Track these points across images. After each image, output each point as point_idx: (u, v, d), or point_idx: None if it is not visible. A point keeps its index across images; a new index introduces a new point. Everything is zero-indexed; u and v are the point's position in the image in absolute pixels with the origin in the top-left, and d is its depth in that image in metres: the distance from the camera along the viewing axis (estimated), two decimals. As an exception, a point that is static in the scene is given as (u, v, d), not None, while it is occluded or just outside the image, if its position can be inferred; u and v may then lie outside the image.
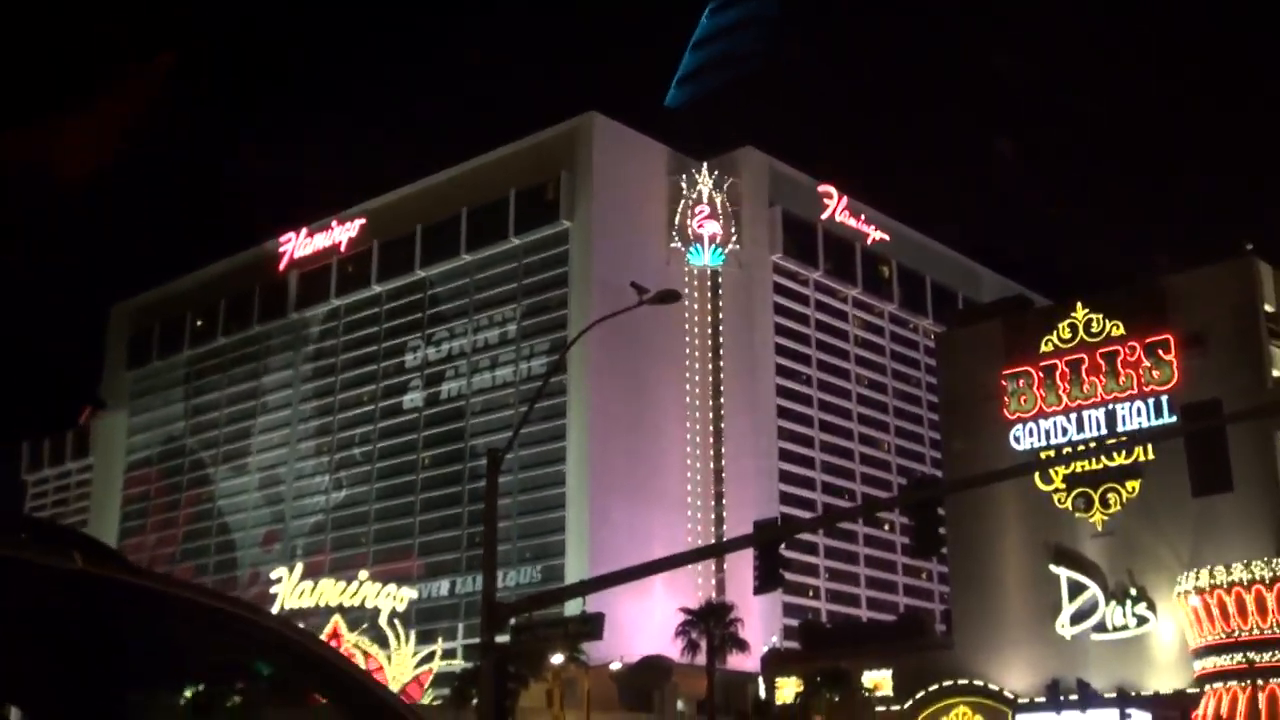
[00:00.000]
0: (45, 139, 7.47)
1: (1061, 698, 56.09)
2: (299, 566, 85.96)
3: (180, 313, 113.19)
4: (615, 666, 69.04)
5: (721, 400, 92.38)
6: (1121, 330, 58.66)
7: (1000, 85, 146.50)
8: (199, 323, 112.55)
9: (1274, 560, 51.18)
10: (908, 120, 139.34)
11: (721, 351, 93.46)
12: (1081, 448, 56.44)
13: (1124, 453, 54.90)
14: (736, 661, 70.52)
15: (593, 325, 34.15)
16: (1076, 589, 57.68)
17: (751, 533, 27.94)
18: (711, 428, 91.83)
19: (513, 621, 31.16)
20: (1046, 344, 60.60)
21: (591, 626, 27.72)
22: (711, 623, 68.77)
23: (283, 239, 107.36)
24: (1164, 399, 56.50)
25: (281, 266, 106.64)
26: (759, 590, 28.14)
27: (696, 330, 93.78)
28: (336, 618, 76.41)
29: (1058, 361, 60.08)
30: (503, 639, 28.87)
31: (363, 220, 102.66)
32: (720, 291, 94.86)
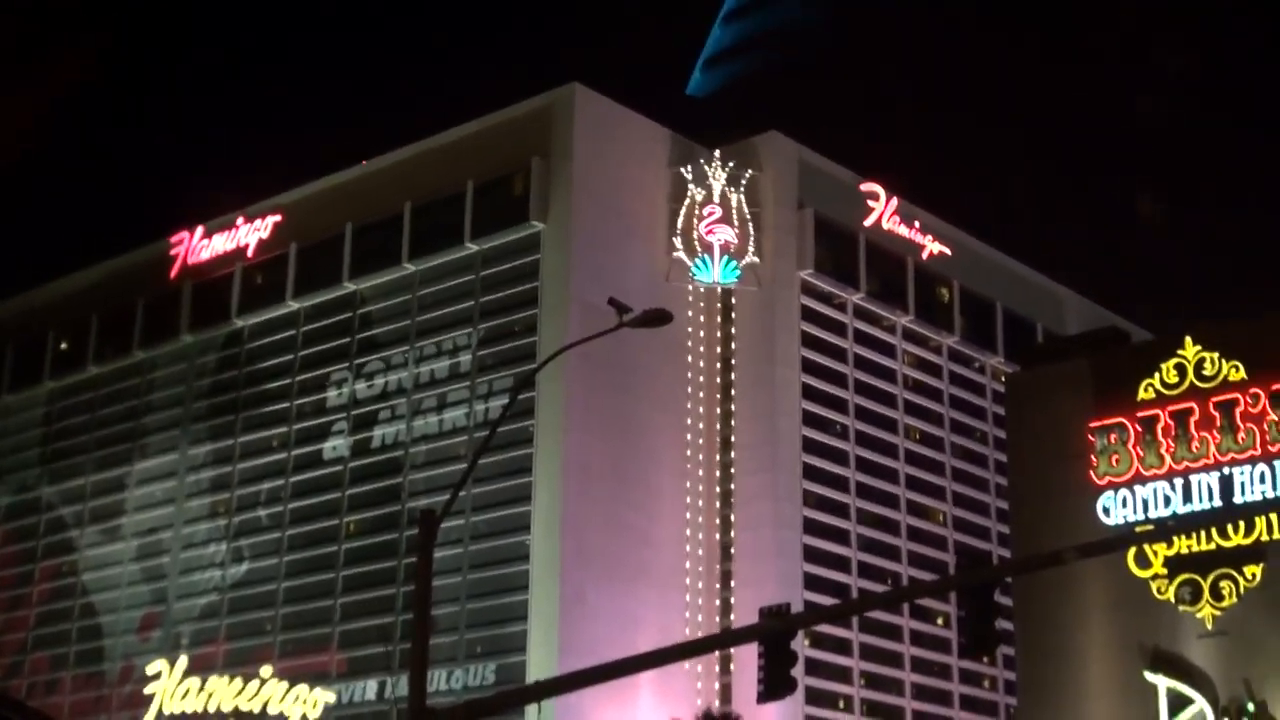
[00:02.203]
0: None
1: (1160, 843, 55.94)
2: (183, 659, 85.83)
3: (39, 333, 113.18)
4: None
5: (731, 455, 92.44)
6: (1242, 374, 58.72)
7: (1092, 63, 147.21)
8: (63, 345, 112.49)
9: None
10: (975, 105, 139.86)
11: (733, 393, 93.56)
12: (1189, 522, 56.39)
13: (1243, 530, 54.71)
14: (744, 792, 70.53)
15: (559, 353, 34.30)
16: (1179, 703, 57.56)
17: (755, 623, 28.04)
18: (718, 489, 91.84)
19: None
20: (1146, 389, 60.67)
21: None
22: (712, 740, 68.81)
23: (173, 240, 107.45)
24: (1294, 462, 56.63)
25: (171, 275, 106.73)
26: (764, 697, 28.30)
27: (702, 364, 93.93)
28: (231, 726, 76.41)
29: (1160, 412, 60.14)
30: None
31: (277, 218, 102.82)
32: (733, 316, 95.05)
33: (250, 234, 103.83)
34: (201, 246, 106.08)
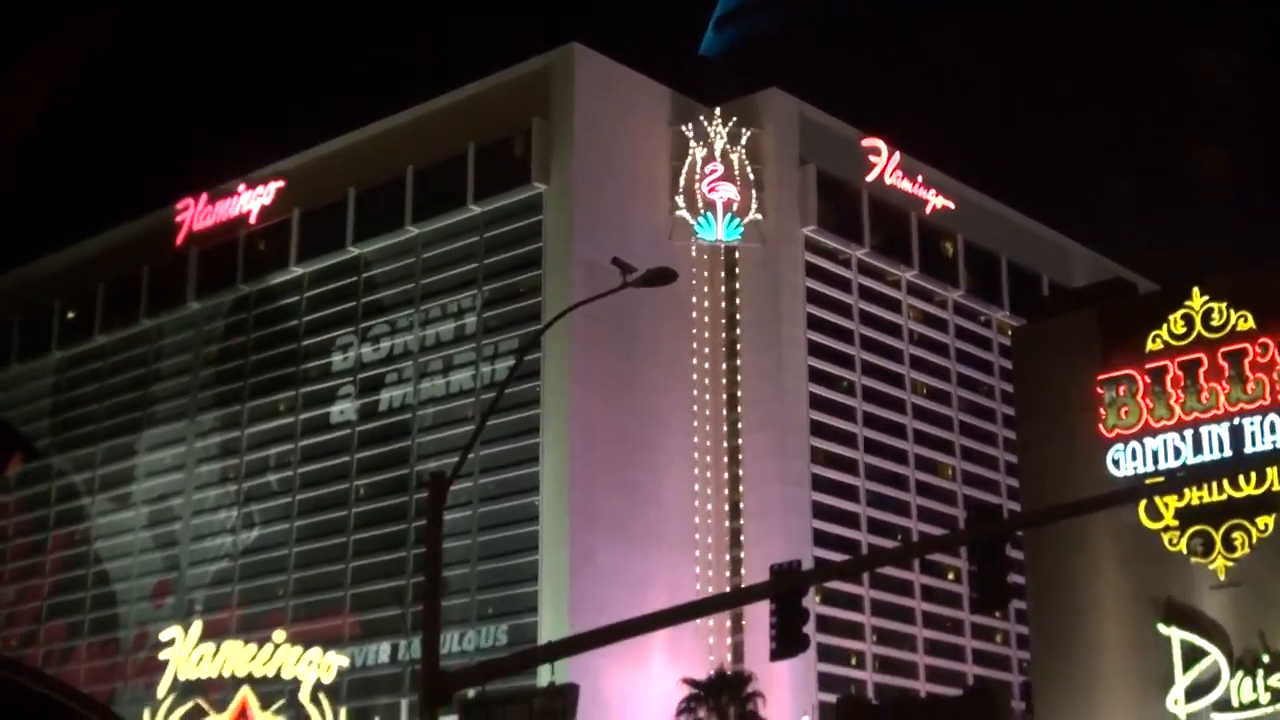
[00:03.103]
0: None
1: (1174, 794, 55.74)
2: (197, 625, 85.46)
3: (47, 302, 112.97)
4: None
5: (739, 412, 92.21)
6: (1250, 323, 58.23)
7: (1094, 13, 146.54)
8: (71, 315, 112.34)
9: None
10: (977, 57, 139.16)
11: (739, 350, 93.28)
12: (1199, 473, 56.01)
13: (1253, 480, 54.29)
14: (757, 748, 70.37)
15: (564, 314, 33.77)
16: (1193, 655, 57.26)
17: (766, 581, 27.63)
18: (725, 446, 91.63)
19: (470, 694, 30.87)
20: (1154, 341, 60.20)
21: (563, 702, 27.49)
22: (725, 699, 68.60)
23: (178, 207, 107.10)
24: (1305, 411, 56.20)
25: (177, 242, 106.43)
26: (776, 655, 27.91)
27: (707, 322, 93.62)
28: (245, 691, 76.20)
29: (1169, 363, 59.67)
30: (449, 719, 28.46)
31: (279, 183, 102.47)
32: (737, 273, 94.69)
33: (253, 200, 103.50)
34: (206, 213, 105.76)
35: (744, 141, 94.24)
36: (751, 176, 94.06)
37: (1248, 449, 56.95)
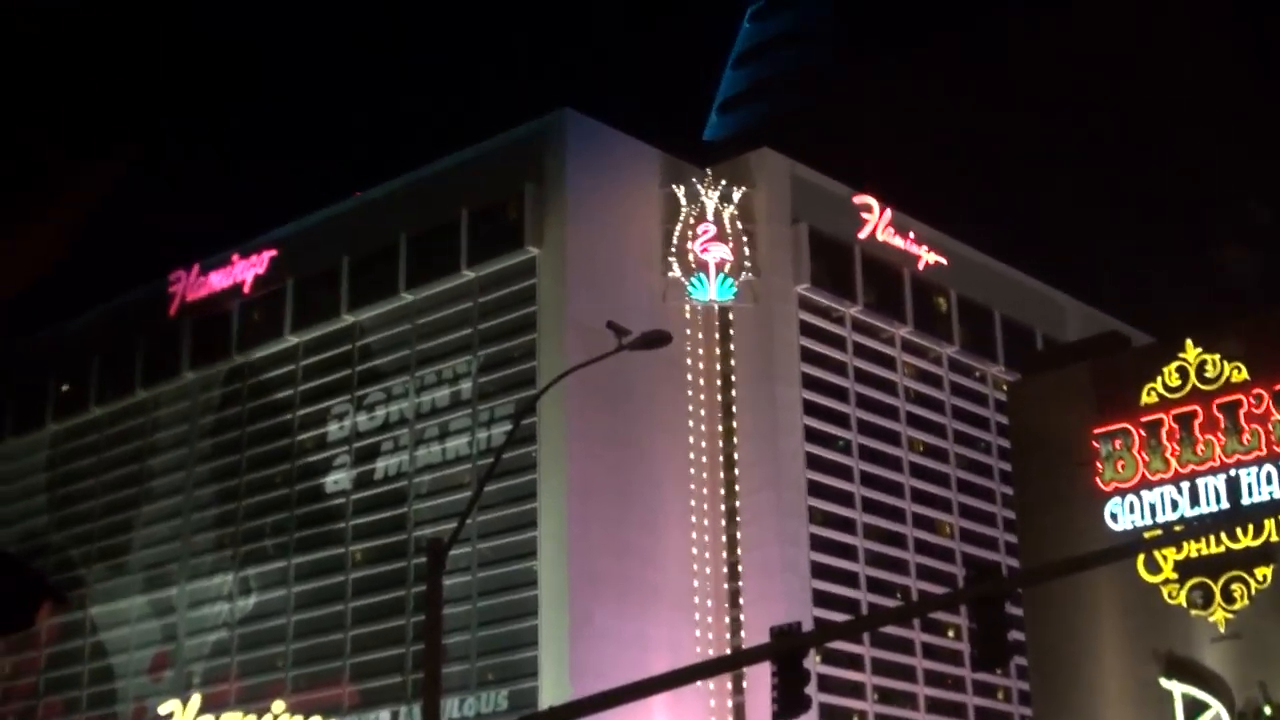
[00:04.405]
0: None
1: None
2: (196, 698, 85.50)
3: (40, 376, 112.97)
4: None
5: (736, 473, 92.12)
6: (1244, 374, 58.48)
7: (1082, 70, 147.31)
8: (65, 388, 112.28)
9: None
10: (965, 115, 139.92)
11: (734, 411, 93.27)
12: (1197, 525, 56.13)
13: (1251, 531, 54.44)
14: (760, 810, 70.12)
15: (560, 378, 34.01)
16: (1195, 708, 57.24)
17: (766, 643, 27.75)
18: (723, 508, 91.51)
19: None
20: (1149, 394, 60.43)
21: (564, 769, 27.56)
22: (727, 760, 68.39)
23: (171, 279, 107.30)
24: (1300, 462, 56.31)
25: (170, 313, 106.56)
26: (778, 717, 28.01)
27: (702, 383, 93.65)
28: (245, 762, 75.96)
29: (1164, 416, 59.88)
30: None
31: (272, 252, 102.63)
32: (731, 333, 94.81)
33: (247, 270, 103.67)
34: (199, 284, 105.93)
35: (736, 201, 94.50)
36: (744, 236, 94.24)
37: (1245, 500, 57.12)
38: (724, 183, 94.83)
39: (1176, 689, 57.66)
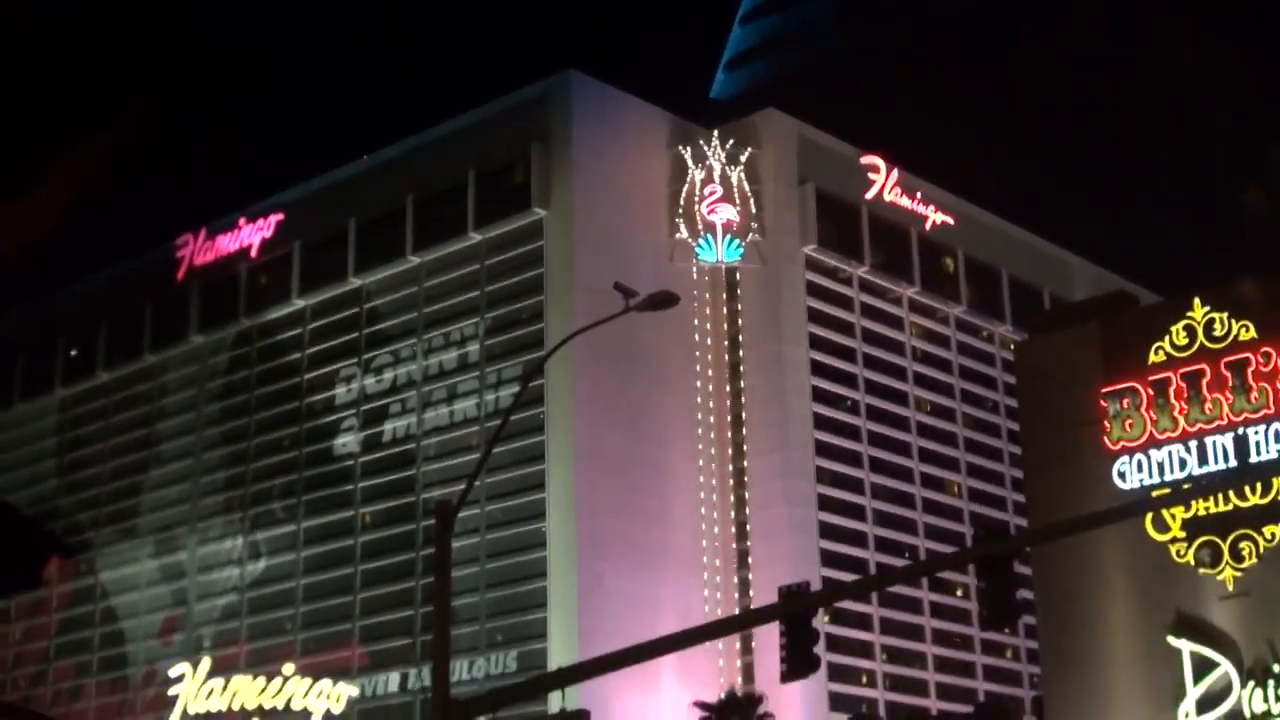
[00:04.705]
0: None
1: (1187, 806, 55.65)
2: (206, 660, 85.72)
3: (48, 341, 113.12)
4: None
5: (744, 433, 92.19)
6: (1252, 333, 58.25)
7: (1086, 25, 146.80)
8: (74, 353, 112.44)
9: None
10: (971, 73, 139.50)
11: (742, 371, 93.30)
12: (1205, 483, 56.04)
13: (1259, 489, 54.30)
14: (770, 769, 70.39)
15: (567, 340, 33.97)
16: (1203, 667, 57.23)
17: (775, 603, 27.75)
18: (731, 468, 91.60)
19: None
20: (1157, 353, 60.23)
21: (574, 729, 27.64)
22: (735, 719, 68.56)
23: (178, 243, 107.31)
24: (1309, 419, 56.20)
25: (178, 277, 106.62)
26: (787, 677, 28.06)
27: (710, 344, 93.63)
28: (255, 724, 76.23)
29: (1171, 375, 59.67)
30: (460, 748, 28.56)
31: (279, 216, 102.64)
32: (739, 294, 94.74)
33: (254, 234, 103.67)
34: (206, 248, 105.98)
35: (742, 162, 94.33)
36: (750, 197, 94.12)
37: (1252, 458, 56.99)
38: (731, 143, 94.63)
39: (1185, 647, 57.64)
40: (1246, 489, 56.11)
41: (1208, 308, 59.77)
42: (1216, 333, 59.38)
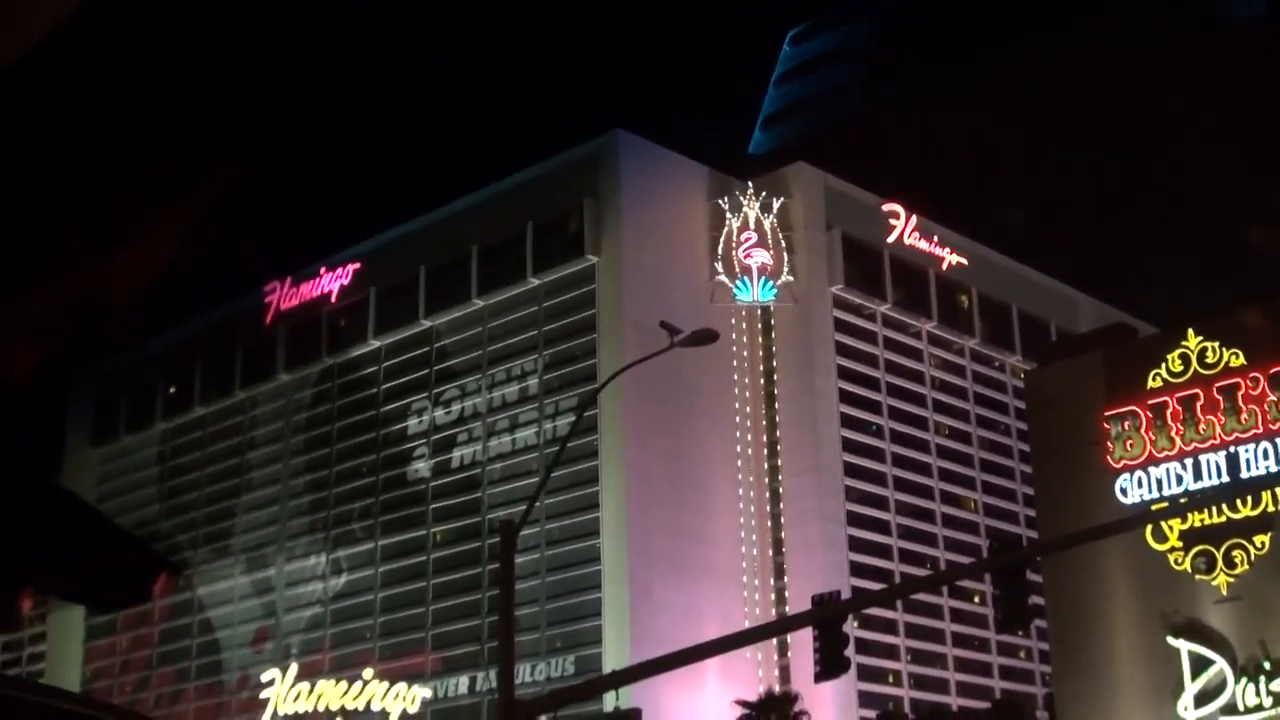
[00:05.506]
0: (95, 278, 7.83)
1: (1188, 793, 55.29)
2: (294, 667, 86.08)
3: (150, 380, 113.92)
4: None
5: (779, 457, 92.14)
6: (1242, 360, 58.02)
7: (1088, 83, 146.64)
8: (172, 390, 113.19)
9: None
10: (981, 125, 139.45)
11: (777, 400, 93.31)
12: (1200, 497, 55.80)
13: (1250, 502, 54.07)
14: (806, 762, 70.08)
15: (618, 374, 34.17)
16: (1200, 664, 56.91)
17: (809, 610, 27.86)
18: (768, 489, 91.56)
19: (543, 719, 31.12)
20: (1154, 379, 60.03)
21: (627, 725, 27.69)
22: (773, 716, 68.38)
23: (266, 290, 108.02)
24: (1294, 438, 55.91)
25: (266, 321, 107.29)
26: (820, 677, 28.13)
27: (747, 377, 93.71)
28: (339, 724, 76.47)
29: (1168, 399, 59.48)
30: (525, 743, 28.70)
31: (356, 265, 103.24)
32: (773, 331, 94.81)
33: (333, 281, 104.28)
34: (291, 294, 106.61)
35: (775, 211, 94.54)
36: (783, 242, 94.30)
37: (1243, 474, 56.75)
38: (764, 194, 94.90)
39: (1183, 647, 57.34)
40: (1238, 502, 55.84)
41: (1200, 338, 59.59)
42: (1209, 360, 59.18)
